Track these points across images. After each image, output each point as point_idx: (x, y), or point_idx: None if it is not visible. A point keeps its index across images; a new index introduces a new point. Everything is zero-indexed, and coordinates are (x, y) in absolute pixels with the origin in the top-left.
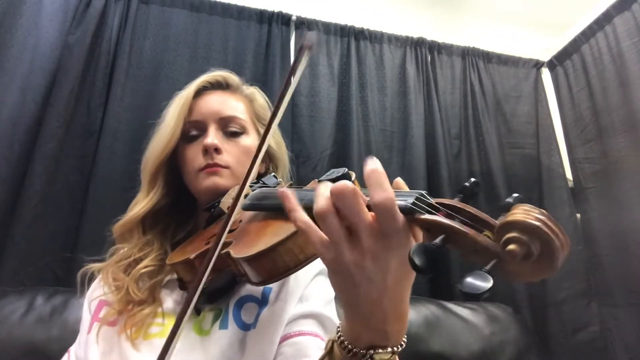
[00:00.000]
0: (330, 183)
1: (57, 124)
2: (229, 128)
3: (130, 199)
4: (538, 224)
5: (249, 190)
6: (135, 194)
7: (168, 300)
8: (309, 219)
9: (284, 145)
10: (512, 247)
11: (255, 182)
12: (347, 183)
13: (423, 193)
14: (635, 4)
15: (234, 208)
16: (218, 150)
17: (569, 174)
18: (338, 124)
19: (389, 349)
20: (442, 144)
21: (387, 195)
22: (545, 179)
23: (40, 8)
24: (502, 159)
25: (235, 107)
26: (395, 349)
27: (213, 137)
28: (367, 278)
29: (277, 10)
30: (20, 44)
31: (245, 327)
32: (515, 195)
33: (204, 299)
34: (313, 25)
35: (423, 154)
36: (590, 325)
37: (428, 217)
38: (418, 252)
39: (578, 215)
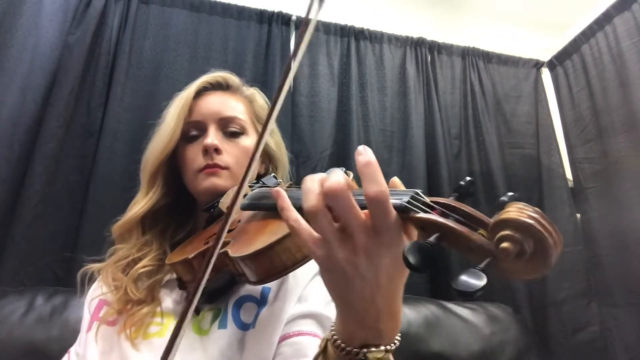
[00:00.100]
0: (317, 177)
1: (57, 124)
2: (229, 128)
3: (130, 199)
4: (531, 222)
5: (249, 191)
6: (135, 194)
7: (167, 300)
8: (299, 217)
9: (284, 146)
10: (505, 244)
11: (255, 182)
12: (339, 180)
13: (418, 192)
14: (635, 4)
15: (233, 207)
16: (218, 151)
17: (569, 174)
18: (338, 124)
19: (383, 348)
20: (442, 144)
21: (380, 189)
22: (545, 179)
23: (40, 8)
24: (502, 159)
25: (235, 107)
26: (389, 347)
27: (213, 137)
28: (359, 275)
29: (277, 10)
30: (20, 44)
31: (244, 326)
32: (511, 194)
33: (203, 299)
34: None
35: (423, 154)
36: (590, 325)
37: (423, 215)
38: (412, 250)
39: (578, 215)
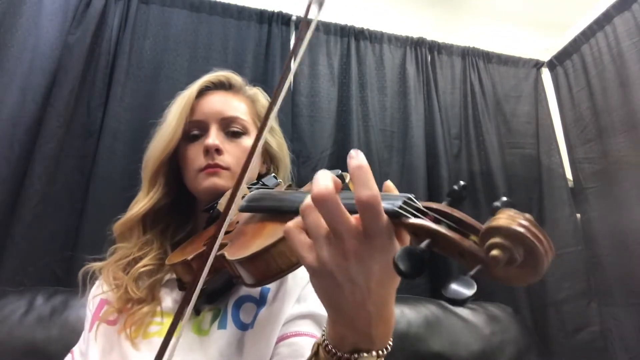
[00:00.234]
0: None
1: (57, 124)
2: (231, 128)
3: (130, 199)
4: (521, 230)
5: (248, 192)
6: (135, 194)
7: (167, 299)
8: (293, 222)
9: (286, 147)
10: (495, 252)
11: (255, 182)
12: (326, 185)
13: (411, 197)
14: (635, 4)
15: (228, 210)
16: (219, 151)
17: (569, 174)
18: (338, 124)
19: (374, 353)
20: (442, 144)
21: (371, 193)
22: (545, 179)
23: (40, 8)
24: (502, 159)
25: (237, 107)
26: (381, 353)
27: (214, 137)
28: (350, 280)
29: (277, 10)
30: (20, 44)
31: (244, 327)
32: (504, 199)
33: (203, 299)
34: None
35: (423, 154)
36: (590, 325)
37: (414, 221)
38: (402, 257)
39: (578, 215)
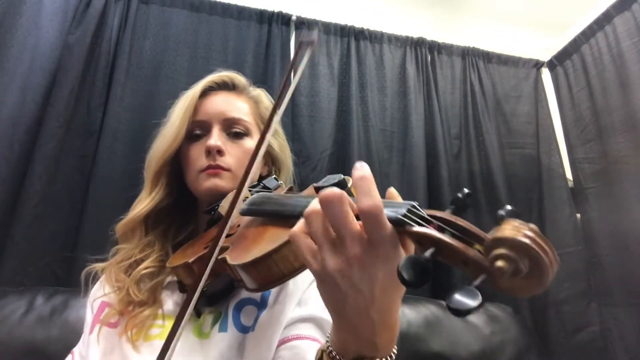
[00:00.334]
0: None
1: (57, 124)
2: (233, 129)
3: (130, 199)
4: (527, 242)
5: (249, 194)
6: (136, 194)
7: (168, 302)
8: (299, 227)
9: (288, 149)
10: (500, 263)
11: (256, 184)
12: (333, 190)
13: (415, 204)
14: (635, 4)
15: (230, 214)
16: (221, 152)
17: (569, 174)
18: (338, 124)
19: None
20: (442, 144)
21: (373, 203)
22: (545, 179)
23: (40, 8)
24: (502, 159)
25: (241, 108)
26: None
27: (216, 138)
28: (353, 287)
29: (277, 10)
30: (20, 44)
31: (244, 330)
32: (509, 208)
33: (204, 302)
34: (313, 25)
35: (423, 154)
36: (590, 325)
37: (419, 229)
38: (407, 266)
39: (578, 215)
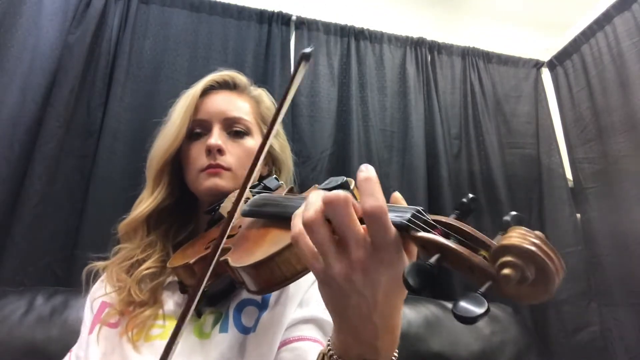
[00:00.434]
0: (324, 192)
1: (57, 124)
2: (234, 128)
3: (130, 199)
4: (533, 249)
5: (250, 194)
6: (136, 194)
7: (169, 302)
8: (301, 229)
9: (289, 149)
10: (506, 271)
11: (257, 184)
12: (339, 192)
13: (420, 209)
14: (635, 4)
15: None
16: (221, 152)
17: (569, 174)
18: (338, 124)
19: None
20: (442, 144)
21: (377, 204)
22: (545, 179)
23: (40, 8)
24: (502, 159)
25: (241, 107)
26: None
27: (217, 137)
28: (356, 291)
29: (277, 10)
30: (20, 44)
31: (245, 330)
32: (514, 214)
33: (205, 302)
34: (313, 25)
35: (423, 154)
36: (590, 325)
37: (424, 235)
38: (412, 272)
39: (578, 215)
